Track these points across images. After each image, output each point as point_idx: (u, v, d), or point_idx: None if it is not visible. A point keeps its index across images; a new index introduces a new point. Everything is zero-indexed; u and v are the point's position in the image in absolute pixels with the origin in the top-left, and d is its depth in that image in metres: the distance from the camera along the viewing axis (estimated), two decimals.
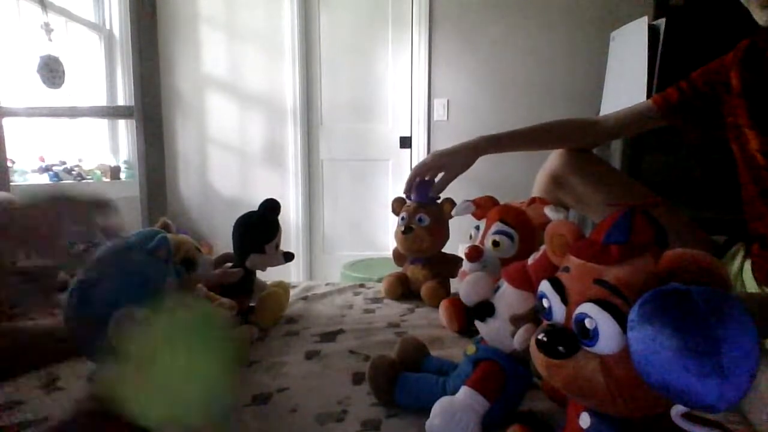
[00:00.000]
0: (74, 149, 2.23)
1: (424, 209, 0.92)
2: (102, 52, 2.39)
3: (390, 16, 2.41)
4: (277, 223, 0.78)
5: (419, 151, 2.44)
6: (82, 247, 0.39)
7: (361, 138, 2.52)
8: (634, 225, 0.34)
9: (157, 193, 1.76)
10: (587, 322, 0.32)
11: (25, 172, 1.90)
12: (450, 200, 0.93)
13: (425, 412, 0.45)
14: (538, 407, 0.51)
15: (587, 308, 0.32)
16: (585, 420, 0.35)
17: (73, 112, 1.89)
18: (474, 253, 0.71)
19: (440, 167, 0.94)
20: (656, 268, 0.31)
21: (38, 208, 0.38)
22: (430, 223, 0.90)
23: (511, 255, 0.72)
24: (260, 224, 0.76)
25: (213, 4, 2.45)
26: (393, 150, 2.50)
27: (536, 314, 0.40)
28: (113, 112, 2.14)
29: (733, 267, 0.86)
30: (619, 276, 0.32)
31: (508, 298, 0.46)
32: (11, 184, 1.67)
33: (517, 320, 0.44)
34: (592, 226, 1.21)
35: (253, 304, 0.78)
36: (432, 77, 2.40)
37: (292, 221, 2.51)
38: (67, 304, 0.38)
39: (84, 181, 2.09)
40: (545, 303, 0.36)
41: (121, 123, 2.46)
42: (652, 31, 1.64)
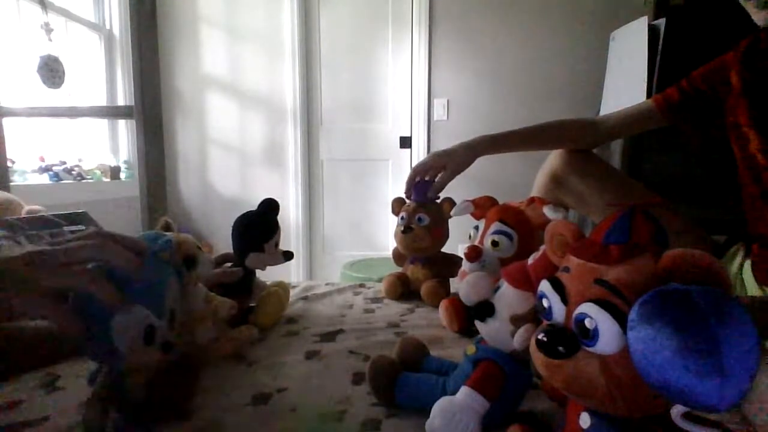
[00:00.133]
0: (74, 149, 2.23)
1: (424, 209, 0.92)
2: (102, 52, 2.40)
3: (390, 15, 2.41)
4: (276, 221, 0.78)
5: (419, 151, 2.43)
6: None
7: (361, 138, 2.52)
8: (634, 225, 0.34)
9: (157, 193, 1.77)
10: (587, 322, 0.31)
11: (25, 172, 1.90)
12: (449, 200, 0.93)
13: (425, 412, 0.45)
14: (538, 407, 0.51)
15: (587, 308, 0.32)
16: (585, 420, 0.35)
17: (73, 112, 1.89)
18: (473, 253, 0.71)
19: (440, 167, 0.93)
20: (656, 268, 0.31)
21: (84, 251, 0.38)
22: (430, 223, 0.90)
23: (510, 255, 0.72)
24: (259, 223, 0.76)
25: (213, 4, 2.45)
26: (393, 150, 2.50)
27: (536, 314, 0.40)
28: (113, 112, 2.15)
29: (733, 267, 0.86)
30: (619, 276, 0.32)
31: (508, 298, 0.46)
32: (11, 184, 1.67)
33: (517, 320, 0.44)
34: (592, 226, 1.21)
35: (253, 304, 0.78)
36: (432, 77, 2.40)
37: (292, 221, 2.51)
38: (69, 303, 0.38)
39: (84, 181, 2.09)
40: (545, 303, 0.36)
41: (121, 123, 2.46)
42: (652, 31, 1.64)
